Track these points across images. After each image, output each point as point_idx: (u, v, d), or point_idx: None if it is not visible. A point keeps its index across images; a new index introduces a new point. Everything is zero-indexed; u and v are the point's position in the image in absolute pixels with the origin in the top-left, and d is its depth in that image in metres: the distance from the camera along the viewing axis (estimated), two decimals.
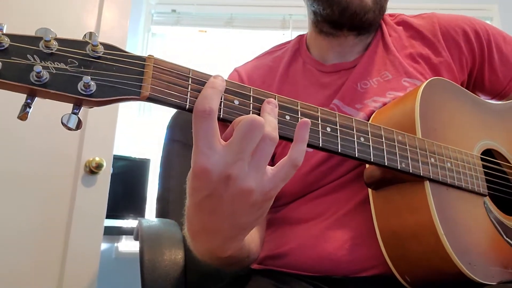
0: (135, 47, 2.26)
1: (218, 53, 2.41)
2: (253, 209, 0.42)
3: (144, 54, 2.09)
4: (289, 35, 2.42)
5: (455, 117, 0.66)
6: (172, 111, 1.08)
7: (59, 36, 0.39)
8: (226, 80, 0.43)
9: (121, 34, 1.51)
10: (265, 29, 2.48)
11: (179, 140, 1.07)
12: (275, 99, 0.46)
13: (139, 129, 2.31)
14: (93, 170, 1.36)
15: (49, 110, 1.30)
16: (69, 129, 0.38)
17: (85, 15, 1.48)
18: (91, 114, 1.40)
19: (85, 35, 0.40)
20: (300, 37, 0.88)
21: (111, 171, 1.42)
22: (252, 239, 0.59)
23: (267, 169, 0.41)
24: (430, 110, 0.62)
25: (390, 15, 0.85)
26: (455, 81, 0.76)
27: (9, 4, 1.34)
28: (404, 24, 0.82)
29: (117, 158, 1.69)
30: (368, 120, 0.68)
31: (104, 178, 1.40)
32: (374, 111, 0.70)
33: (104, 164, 1.38)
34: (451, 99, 0.67)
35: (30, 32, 0.39)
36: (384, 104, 0.71)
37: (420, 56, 0.76)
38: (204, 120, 0.38)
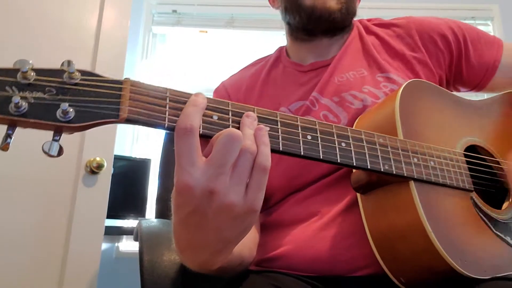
0: (136, 47, 2.27)
1: (219, 53, 2.41)
2: (237, 223, 0.43)
3: (145, 54, 2.08)
4: None
5: (435, 117, 0.67)
6: None
7: (36, 66, 0.39)
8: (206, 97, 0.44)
9: (122, 34, 1.52)
10: (265, 29, 2.47)
11: None
12: (254, 112, 0.47)
13: (139, 129, 2.32)
14: (94, 170, 1.36)
15: None
16: (51, 156, 0.40)
17: (86, 15, 1.49)
18: None
19: (63, 63, 0.40)
20: (281, 48, 0.93)
21: (111, 171, 1.42)
22: (244, 245, 0.60)
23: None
24: (410, 111, 0.63)
25: (368, 20, 0.90)
26: (432, 75, 0.79)
27: (9, 4, 1.35)
28: (381, 25, 0.87)
29: (117, 158, 1.69)
30: (352, 120, 0.70)
31: (105, 178, 1.40)
32: (352, 109, 0.73)
33: (105, 164, 1.38)
34: (430, 99, 0.68)
35: (30, 32, 0.39)
36: (361, 100, 0.73)
37: (395, 53, 0.80)
38: (185, 138, 0.40)
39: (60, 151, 0.40)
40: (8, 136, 0.38)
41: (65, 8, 1.45)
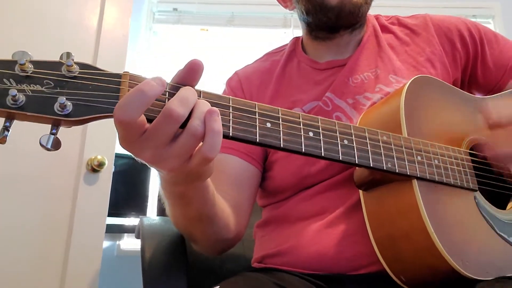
0: (136, 45, 2.26)
1: (219, 51, 2.41)
2: (190, 174, 0.46)
3: (146, 52, 2.07)
4: (291, 33, 2.42)
5: (441, 114, 0.66)
6: None
7: (35, 58, 0.39)
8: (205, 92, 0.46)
9: (123, 33, 1.52)
10: (266, 27, 2.47)
11: None
12: (255, 108, 0.47)
13: None
14: (95, 168, 1.36)
15: None
16: (48, 149, 0.39)
17: (87, 14, 1.49)
18: None
19: (61, 55, 0.40)
20: (296, 39, 0.90)
21: (113, 169, 1.42)
22: (224, 210, 0.65)
23: None
24: (415, 108, 0.62)
25: (385, 17, 0.88)
26: (447, 75, 0.78)
27: (9, 2, 1.34)
28: (398, 23, 0.86)
29: (119, 157, 1.69)
30: (358, 120, 0.69)
31: (106, 176, 1.40)
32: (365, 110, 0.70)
33: (106, 162, 1.38)
34: (436, 96, 0.67)
35: (31, 30, 0.39)
36: (373, 102, 0.72)
37: (414, 51, 0.79)
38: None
39: (57, 145, 0.40)
40: (5, 128, 0.38)
41: (66, 6, 1.45)
